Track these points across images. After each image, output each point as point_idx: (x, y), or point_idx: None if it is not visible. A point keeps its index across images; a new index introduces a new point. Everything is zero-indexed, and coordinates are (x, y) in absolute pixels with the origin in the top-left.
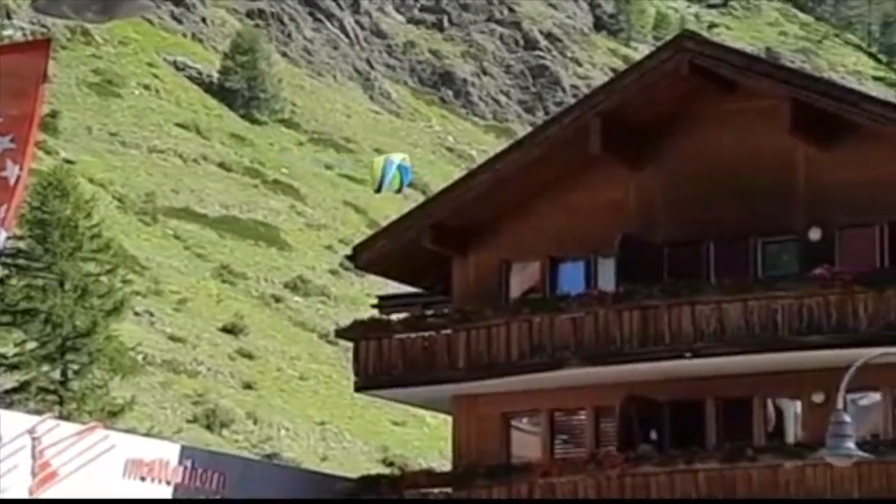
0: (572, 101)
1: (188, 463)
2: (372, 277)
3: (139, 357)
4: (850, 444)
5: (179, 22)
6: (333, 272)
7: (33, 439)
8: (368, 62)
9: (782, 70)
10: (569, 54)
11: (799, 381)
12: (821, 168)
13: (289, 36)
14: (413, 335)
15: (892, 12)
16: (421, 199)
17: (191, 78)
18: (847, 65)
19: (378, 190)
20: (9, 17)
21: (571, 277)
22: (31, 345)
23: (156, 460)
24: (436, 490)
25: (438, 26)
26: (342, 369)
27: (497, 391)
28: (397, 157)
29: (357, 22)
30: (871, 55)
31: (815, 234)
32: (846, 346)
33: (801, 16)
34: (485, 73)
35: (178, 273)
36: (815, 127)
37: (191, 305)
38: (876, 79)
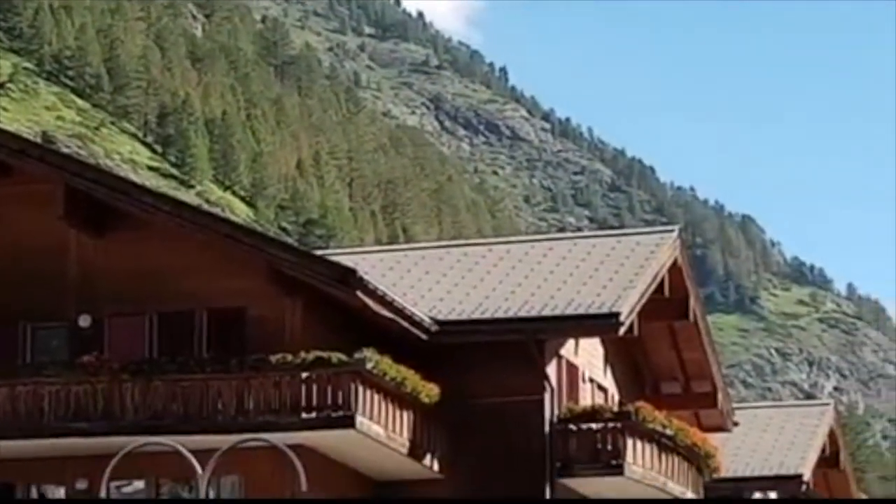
0: None
1: None
2: None
3: None
4: None
5: None
6: None
7: None
8: None
9: (56, 156)
10: None
11: (63, 467)
12: (93, 256)
13: None
14: None
15: (168, 103)
16: None
17: None
18: (123, 153)
19: None
20: None
21: None
22: None
23: None
24: None
25: None
26: None
27: None
28: None
29: None
30: (146, 144)
31: (84, 322)
32: (112, 433)
33: (80, 102)
34: None
35: None
36: (87, 214)
37: None
38: (151, 168)
